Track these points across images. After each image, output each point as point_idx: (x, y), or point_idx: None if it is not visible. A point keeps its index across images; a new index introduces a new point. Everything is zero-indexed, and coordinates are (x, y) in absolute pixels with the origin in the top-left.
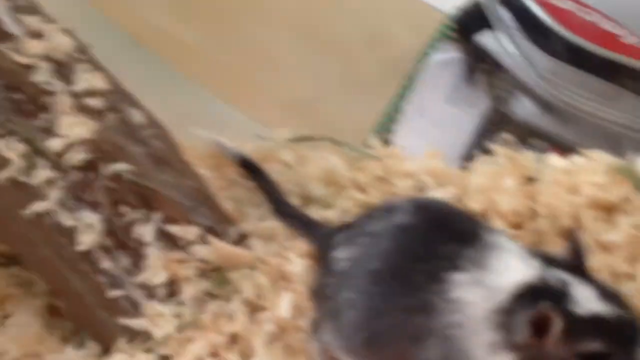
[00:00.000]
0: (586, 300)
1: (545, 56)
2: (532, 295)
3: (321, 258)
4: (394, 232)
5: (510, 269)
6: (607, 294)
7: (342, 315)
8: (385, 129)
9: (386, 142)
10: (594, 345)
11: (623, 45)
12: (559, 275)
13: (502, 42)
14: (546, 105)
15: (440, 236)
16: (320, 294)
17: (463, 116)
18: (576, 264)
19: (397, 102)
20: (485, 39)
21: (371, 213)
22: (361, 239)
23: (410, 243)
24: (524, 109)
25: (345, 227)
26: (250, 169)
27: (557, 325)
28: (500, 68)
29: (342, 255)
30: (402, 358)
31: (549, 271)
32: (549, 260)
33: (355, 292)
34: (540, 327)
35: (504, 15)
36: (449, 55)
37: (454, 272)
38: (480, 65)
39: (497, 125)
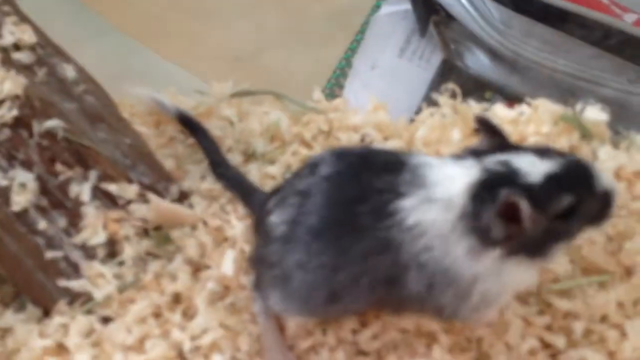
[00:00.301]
0: (533, 167)
1: (498, 7)
2: (486, 189)
3: (258, 225)
4: (323, 184)
5: (451, 175)
6: (542, 152)
7: (292, 279)
8: (336, 84)
9: (335, 96)
10: (565, 201)
11: None
12: (496, 159)
13: None
14: (499, 57)
15: (369, 173)
16: (262, 262)
17: (416, 70)
18: (500, 142)
19: (348, 57)
20: None
21: (297, 173)
22: (292, 199)
23: (342, 189)
24: (477, 61)
25: (275, 191)
26: (189, 125)
27: (524, 204)
28: (452, 19)
29: (277, 219)
30: (379, 302)
31: (484, 161)
32: (477, 153)
33: (302, 254)
34: (511, 214)
35: None
36: (400, 7)
37: (400, 201)
38: (433, 17)
39: (450, 78)
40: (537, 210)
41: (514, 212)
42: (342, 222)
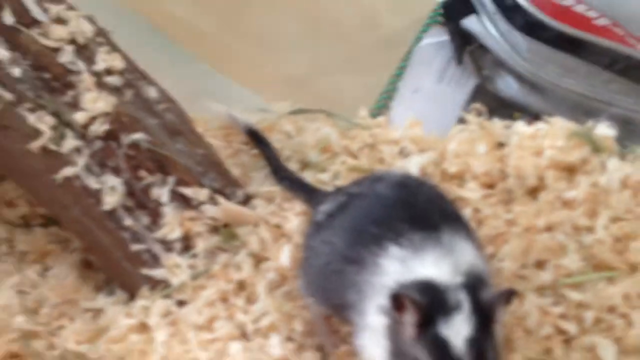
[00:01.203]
0: (453, 323)
1: (524, 37)
2: (423, 288)
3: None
4: (367, 197)
5: (430, 264)
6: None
7: (308, 261)
8: (383, 106)
9: (379, 115)
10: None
11: (595, 26)
12: (459, 296)
13: (485, 25)
14: (525, 81)
15: (402, 214)
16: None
17: (453, 93)
18: (486, 311)
19: (394, 82)
20: (471, 23)
21: (362, 178)
22: (341, 197)
23: (375, 209)
24: (506, 85)
25: (338, 189)
26: (255, 138)
27: (411, 310)
28: (484, 49)
29: (322, 208)
30: (334, 300)
31: (456, 286)
32: (475, 283)
33: (319, 242)
34: (400, 305)
35: (487, 1)
36: (439, 38)
37: (394, 245)
38: (467, 47)
39: (482, 100)
40: (416, 331)
41: (403, 305)
42: (356, 231)
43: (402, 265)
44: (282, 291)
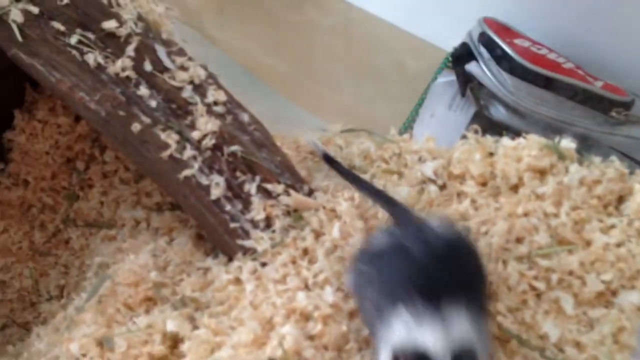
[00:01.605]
0: None
1: (510, 77)
2: (417, 357)
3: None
4: (402, 258)
5: (428, 335)
6: None
7: (355, 278)
8: (408, 126)
9: (405, 133)
10: None
11: (563, 69)
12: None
13: (482, 68)
14: (511, 109)
15: (421, 281)
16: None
17: (458, 117)
18: None
19: (416, 109)
20: (472, 67)
21: (411, 226)
22: (391, 239)
23: (409, 267)
24: (497, 112)
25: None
26: (328, 160)
27: None
28: (481, 85)
29: (375, 242)
30: (365, 316)
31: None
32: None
33: (365, 273)
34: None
35: (484, 51)
36: (450, 78)
37: (407, 308)
38: (469, 84)
39: (479, 122)
40: None
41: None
42: (385, 281)
43: (406, 330)
44: (334, 256)
